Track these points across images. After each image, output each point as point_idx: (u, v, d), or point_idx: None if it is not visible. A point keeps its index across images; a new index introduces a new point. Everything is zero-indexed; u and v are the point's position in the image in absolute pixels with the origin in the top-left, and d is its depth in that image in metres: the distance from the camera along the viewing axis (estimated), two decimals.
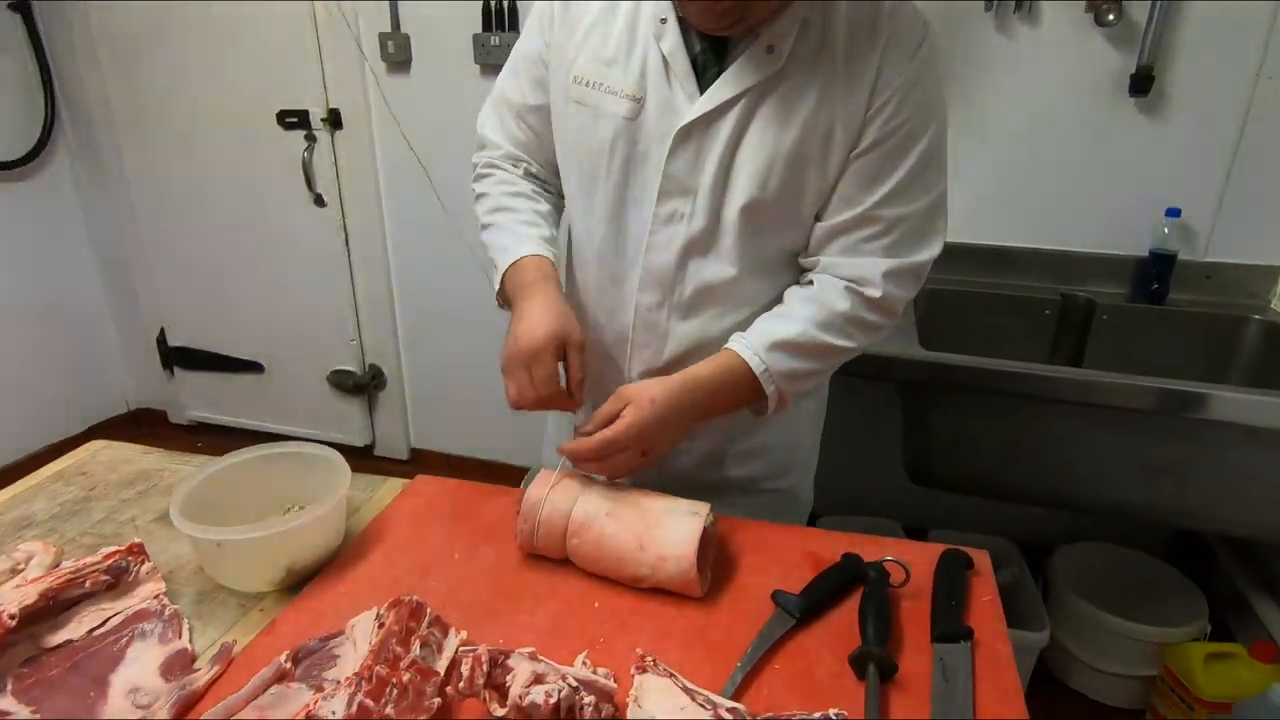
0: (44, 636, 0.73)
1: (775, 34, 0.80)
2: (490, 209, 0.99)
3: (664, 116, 0.85)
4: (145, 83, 2.40)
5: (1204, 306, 1.74)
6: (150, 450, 1.13)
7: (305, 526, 0.80)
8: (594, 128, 0.88)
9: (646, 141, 0.86)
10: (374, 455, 2.68)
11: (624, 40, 0.86)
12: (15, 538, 0.91)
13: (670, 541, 0.78)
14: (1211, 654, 1.57)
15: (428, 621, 0.70)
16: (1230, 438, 1.36)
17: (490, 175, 1.01)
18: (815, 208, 0.87)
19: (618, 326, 0.95)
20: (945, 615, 0.76)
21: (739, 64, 0.82)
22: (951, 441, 1.56)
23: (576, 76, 0.88)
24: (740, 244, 0.87)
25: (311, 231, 2.42)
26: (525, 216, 0.96)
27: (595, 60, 0.87)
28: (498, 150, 1.01)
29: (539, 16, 0.93)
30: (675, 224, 0.87)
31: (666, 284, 0.90)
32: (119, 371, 2.86)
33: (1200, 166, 1.71)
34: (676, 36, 0.83)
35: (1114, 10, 1.61)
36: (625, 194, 0.89)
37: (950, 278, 1.88)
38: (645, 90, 0.85)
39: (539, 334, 0.84)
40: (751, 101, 0.82)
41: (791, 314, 0.88)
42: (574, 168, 0.94)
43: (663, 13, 0.84)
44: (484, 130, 1.03)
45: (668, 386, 0.85)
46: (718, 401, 0.89)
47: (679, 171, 0.85)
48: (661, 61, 0.84)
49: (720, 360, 0.88)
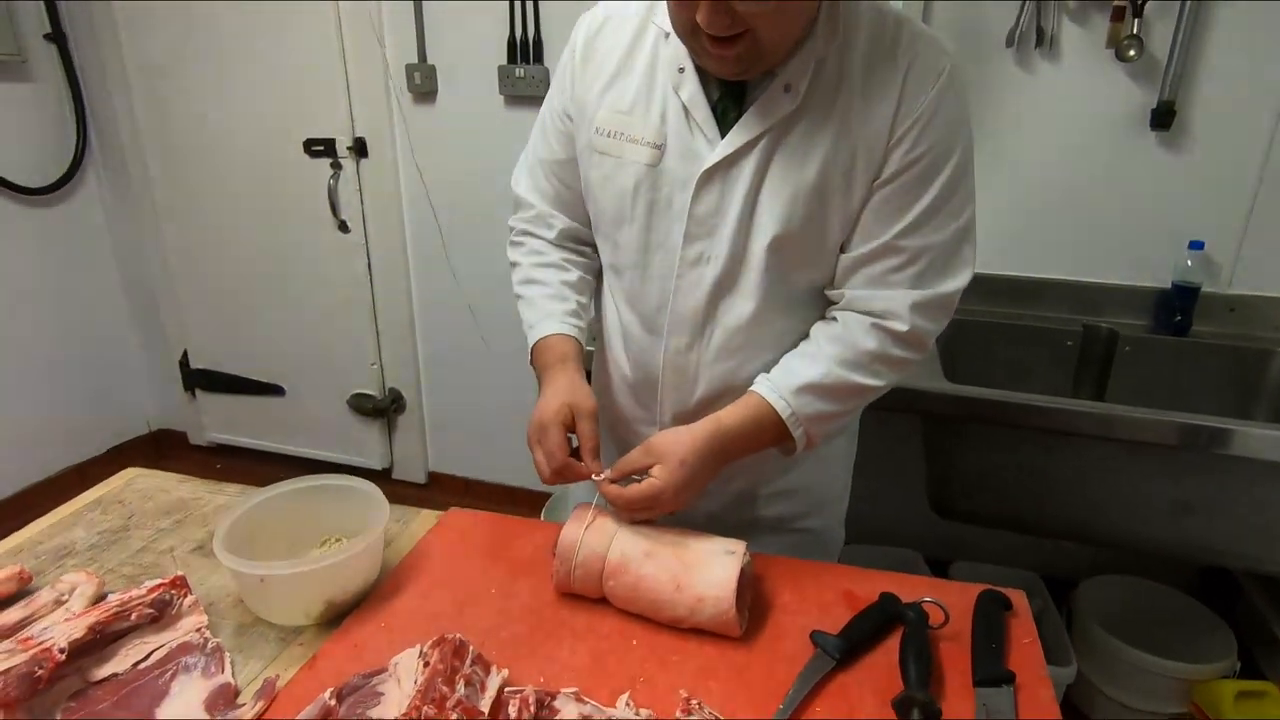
0: (90, 670, 0.73)
1: (791, 73, 0.81)
2: (521, 280, 1.02)
3: (686, 162, 0.86)
4: (175, 111, 2.46)
5: (1227, 339, 1.73)
6: (185, 479, 1.14)
7: (347, 561, 0.80)
8: (617, 176, 0.90)
9: (670, 187, 0.87)
10: (391, 479, 2.69)
11: (642, 90, 0.88)
12: (57, 566, 0.92)
13: (708, 582, 0.78)
14: (1242, 692, 1.54)
15: (471, 660, 0.70)
16: (1257, 473, 1.35)
17: (522, 244, 1.04)
18: (840, 240, 0.87)
19: (648, 369, 0.96)
20: (986, 659, 0.75)
21: (757, 105, 0.82)
22: (976, 475, 1.55)
23: (598, 128, 0.90)
24: (767, 282, 0.87)
25: (335, 257, 2.45)
26: (551, 289, 0.99)
27: (614, 111, 0.89)
28: (530, 210, 1.03)
29: (561, 73, 0.96)
30: (701, 266, 0.88)
31: (696, 326, 0.91)
32: (140, 393, 2.89)
33: (1223, 199, 1.72)
34: (695, 84, 0.84)
35: (1135, 46, 1.63)
36: (650, 239, 0.90)
37: (973, 309, 1.88)
38: (665, 137, 0.86)
39: (548, 410, 0.89)
40: (772, 141, 0.83)
41: (818, 354, 0.88)
42: (601, 216, 0.95)
43: (680, 61, 0.85)
44: (518, 190, 1.05)
45: (696, 443, 0.84)
46: (745, 446, 0.89)
47: (703, 214, 0.86)
48: (681, 109, 0.85)
49: (747, 405, 0.88)
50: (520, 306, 1.01)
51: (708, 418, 0.88)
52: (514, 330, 1.04)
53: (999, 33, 1.71)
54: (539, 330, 0.97)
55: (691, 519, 0.92)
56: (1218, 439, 1.32)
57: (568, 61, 0.94)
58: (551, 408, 0.89)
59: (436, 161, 2.28)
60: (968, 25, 1.73)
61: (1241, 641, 1.71)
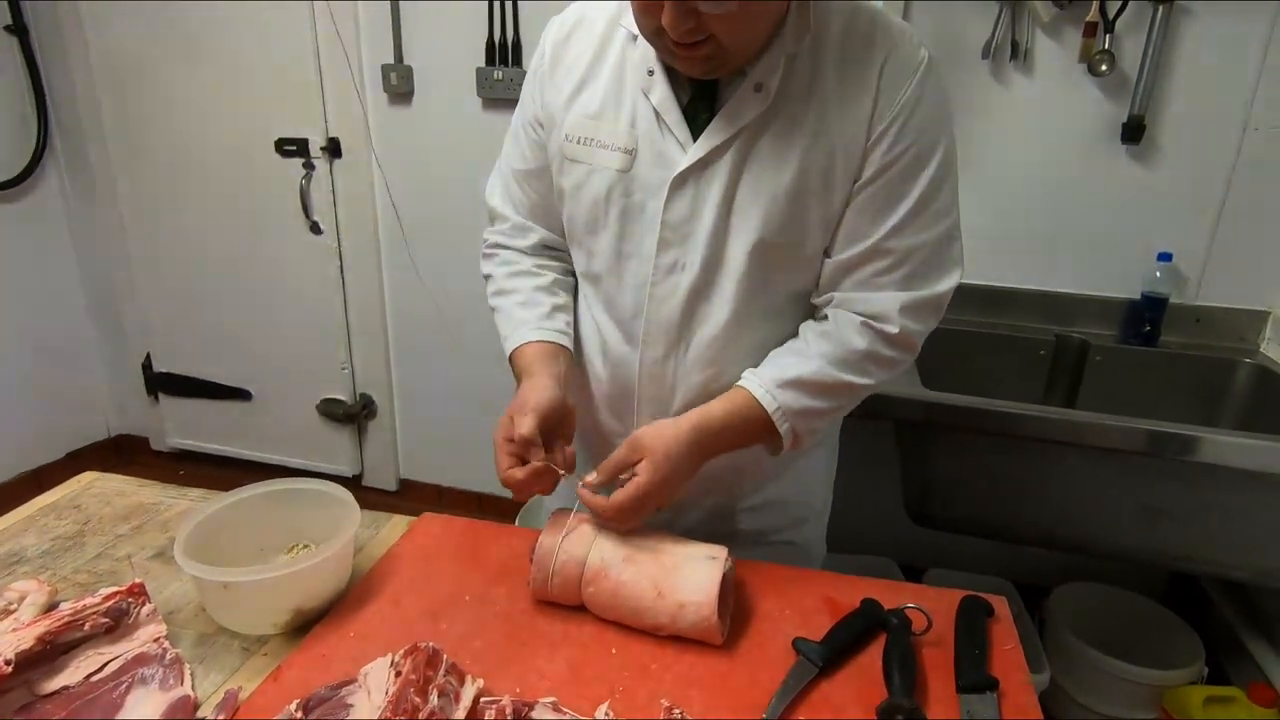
0: (39, 683, 0.70)
1: (761, 72, 0.79)
2: (494, 292, 0.99)
3: (658, 166, 0.84)
4: (141, 107, 2.39)
5: (1194, 349, 1.77)
6: (145, 483, 1.09)
7: (315, 567, 0.78)
8: (588, 183, 0.88)
9: (643, 193, 0.85)
10: (362, 486, 2.63)
11: (611, 94, 0.86)
12: (6, 574, 0.88)
13: (689, 588, 0.77)
14: (1211, 697, 1.56)
15: (444, 669, 0.68)
16: (1223, 481, 1.37)
17: (494, 255, 1.01)
18: (822, 245, 0.85)
19: (624, 381, 0.94)
20: (970, 665, 0.75)
21: (729, 106, 0.80)
22: (950, 482, 1.56)
23: (568, 135, 0.88)
24: (745, 289, 0.85)
25: (306, 259, 2.40)
26: (522, 297, 0.96)
27: (584, 116, 0.87)
28: (505, 222, 1.01)
29: (531, 80, 0.93)
30: (676, 274, 0.86)
31: (672, 336, 0.88)
32: (101, 397, 2.80)
33: (1191, 213, 1.75)
34: (665, 87, 0.82)
35: (1106, 61, 1.66)
36: (623, 245, 0.88)
37: (948, 317, 1.87)
38: (637, 142, 0.84)
39: (515, 404, 0.85)
40: (745, 143, 0.81)
41: (807, 350, 0.86)
42: (574, 224, 0.93)
43: (649, 63, 0.83)
44: (492, 202, 1.02)
45: (680, 436, 0.82)
46: (731, 441, 0.87)
47: (677, 220, 0.84)
48: (652, 112, 0.83)
49: (733, 399, 0.86)
50: (496, 320, 0.98)
51: (692, 411, 0.86)
52: (488, 335, 1.03)
53: (975, 44, 1.74)
54: (512, 341, 0.94)
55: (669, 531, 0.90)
56: (1185, 446, 1.34)
57: (537, 67, 0.92)
58: (528, 400, 0.83)
59: (412, 164, 2.25)
60: (944, 36, 1.75)
61: (1210, 648, 1.73)
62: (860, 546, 2.04)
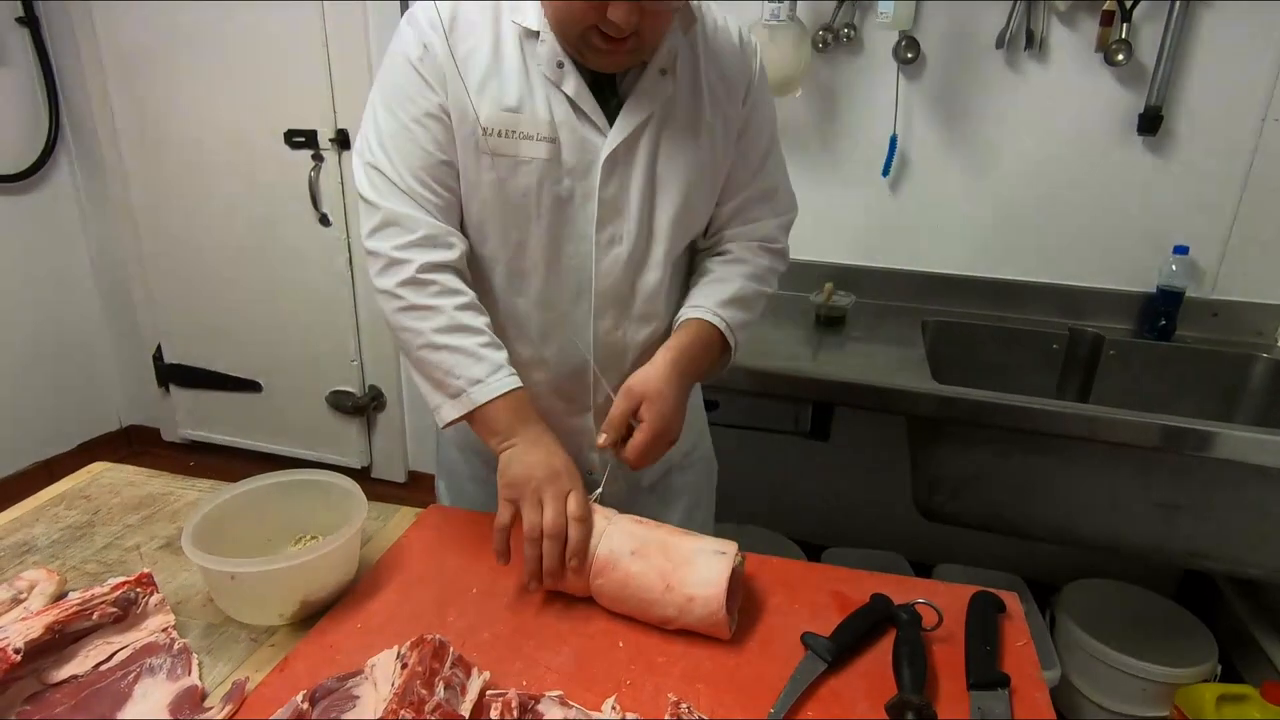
0: (48, 672, 0.70)
1: (663, 58, 0.89)
2: (443, 327, 0.86)
3: (581, 151, 0.88)
4: (151, 98, 2.40)
5: (1211, 344, 1.74)
6: (155, 474, 1.10)
7: (322, 558, 0.77)
8: (515, 175, 0.88)
9: (571, 178, 0.89)
10: (371, 478, 2.64)
11: (523, 86, 0.86)
12: (16, 564, 0.88)
13: (698, 582, 0.76)
14: (1224, 695, 1.55)
15: (451, 662, 0.68)
16: (1239, 477, 1.35)
17: (432, 283, 0.87)
18: (718, 192, 0.99)
19: (574, 360, 0.97)
20: (981, 662, 0.74)
21: (639, 90, 0.89)
22: (961, 477, 1.55)
23: (486, 129, 0.86)
24: (670, 250, 0.95)
25: (315, 251, 2.40)
26: (486, 338, 0.88)
27: (502, 109, 0.86)
28: (416, 231, 0.87)
29: (419, 71, 0.86)
30: (615, 246, 0.93)
31: (620, 303, 0.96)
32: (113, 388, 2.82)
33: (1208, 205, 1.73)
34: (577, 77, 0.87)
35: (1123, 50, 1.63)
36: (560, 231, 0.91)
37: (959, 310, 1.88)
38: (556, 131, 0.87)
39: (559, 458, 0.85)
40: (659, 122, 0.90)
41: (726, 276, 1.00)
42: (494, 221, 0.90)
43: (557, 56, 0.86)
44: (390, 205, 0.87)
45: (664, 372, 0.90)
46: (698, 364, 0.96)
47: (610, 197, 0.90)
48: (566, 102, 0.87)
49: (688, 329, 0.96)
50: (440, 358, 0.86)
51: (660, 349, 0.93)
52: None
53: (989, 34, 1.71)
54: (497, 386, 0.86)
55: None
56: (1201, 442, 1.32)
57: (427, 59, 0.85)
58: (566, 457, 0.86)
59: None
60: (958, 26, 1.73)
61: (1222, 645, 1.72)
62: (869, 541, 2.03)
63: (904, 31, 1.74)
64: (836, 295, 1.80)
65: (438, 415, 0.89)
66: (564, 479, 0.83)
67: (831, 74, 1.84)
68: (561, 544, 0.80)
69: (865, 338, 1.72)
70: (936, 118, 1.81)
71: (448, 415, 0.88)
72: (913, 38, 1.74)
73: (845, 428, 1.71)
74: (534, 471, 0.83)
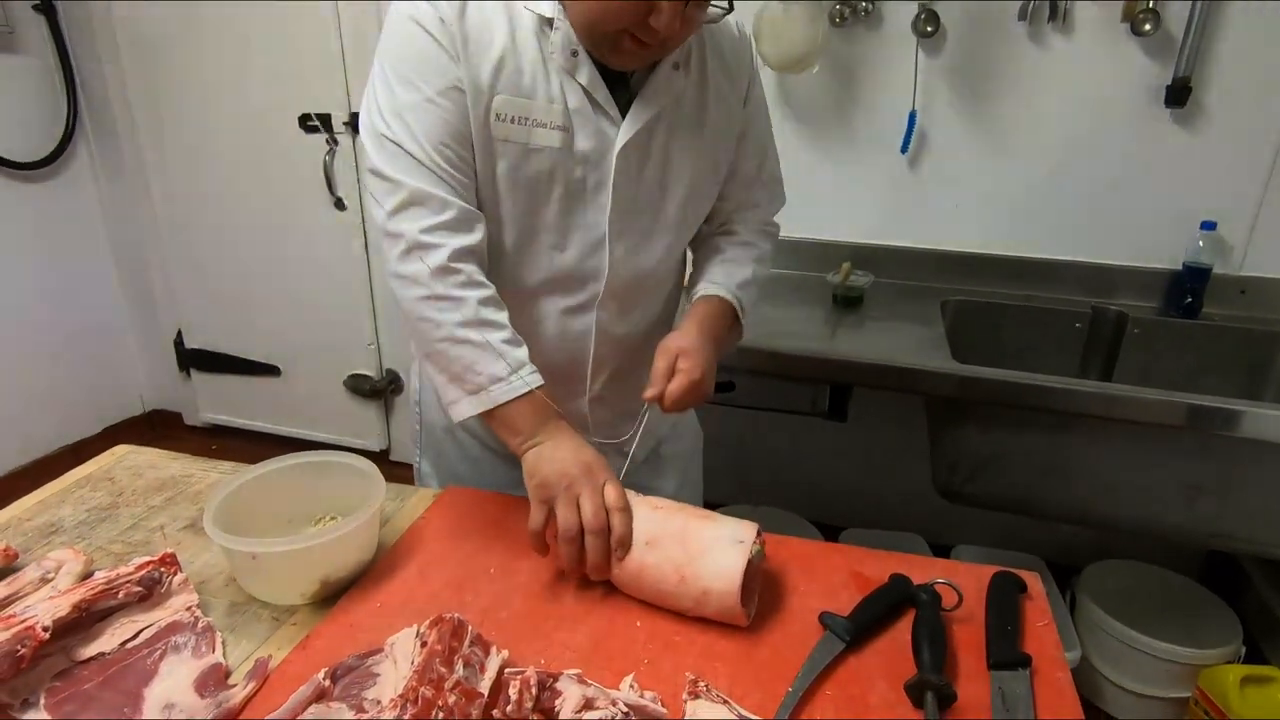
0: (76, 649, 0.71)
1: (676, 54, 0.89)
2: (467, 321, 0.84)
3: (595, 141, 0.88)
4: (167, 84, 2.40)
5: (1238, 321, 1.71)
6: (176, 456, 1.11)
7: (342, 539, 0.78)
8: (528, 162, 0.86)
9: (584, 168, 0.88)
10: (389, 460, 2.66)
11: (539, 73, 0.85)
12: (44, 544, 0.89)
13: (713, 575, 0.75)
14: (1247, 677, 1.53)
15: (469, 640, 0.68)
16: (1266, 456, 1.33)
17: (458, 272, 0.84)
18: (720, 186, 1.02)
19: (573, 347, 0.98)
20: (1001, 641, 0.73)
21: (653, 84, 0.89)
22: (982, 457, 1.53)
23: (499, 113, 0.84)
24: (673, 241, 0.98)
25: (331, 235, 2.41)
26: (509, 334, 0.86)
27: (515, 95, 0.84)
28: (442, 213, 0.84)
29: (444, 44, 0.82)
30: (626, 238, 0.93)
31: (623, 293, 0.96)
32: (135, 373, 2.86)
33: (1237, 179, 1.68)
34: (591, 68, 0.86)
35: (1151, 20, 1.59)
36: (570, 220, 0.90)
37: (979, 289, 1.86)
38: (569, 119, 0.86)
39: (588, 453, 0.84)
40: (670, 114, 0.91)
41: (740, 259, 1.04)
42: (506, 205, 0.89)
43: (571, 45, 0.84)
44: (414, 182, 0.83)
45: (695, 331, 0.94)
46: (722, 336, 0.99)
47: (624, 187, 0.90)
48: (581, 92, 0.86)
49: (708, 302, 0.99)
50: (462, 352, 0.84)
51: (685, 317, 0.98)
52: None
53: (1011, 6, 1.67)
54: (520, 385, 0.84)
55: None
56: (1227, 420, 1.30)
57: (445, 31, 0.82)
58: (594, 451, 0.85)
59: None
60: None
61: (1247, 627, 1.70)
62: (888, 522, 2.03)
63: (923, 4, 1.70)
64: (854, 275, 1.78)
65: (452, 410, 0.87)
66: (598, 473, 0.82)
67: (849, 49, 1.81)
68: (605, 538, 0.79)
69: (883, 317, 1.70)
70: (957, 93, 1.78)
71: (464, 411, 0.86)
72: (932, 10, 1.71)
73: (863, 408, 1.70)
74: (567, 468, 0.81)
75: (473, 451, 1.10)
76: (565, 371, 0.99)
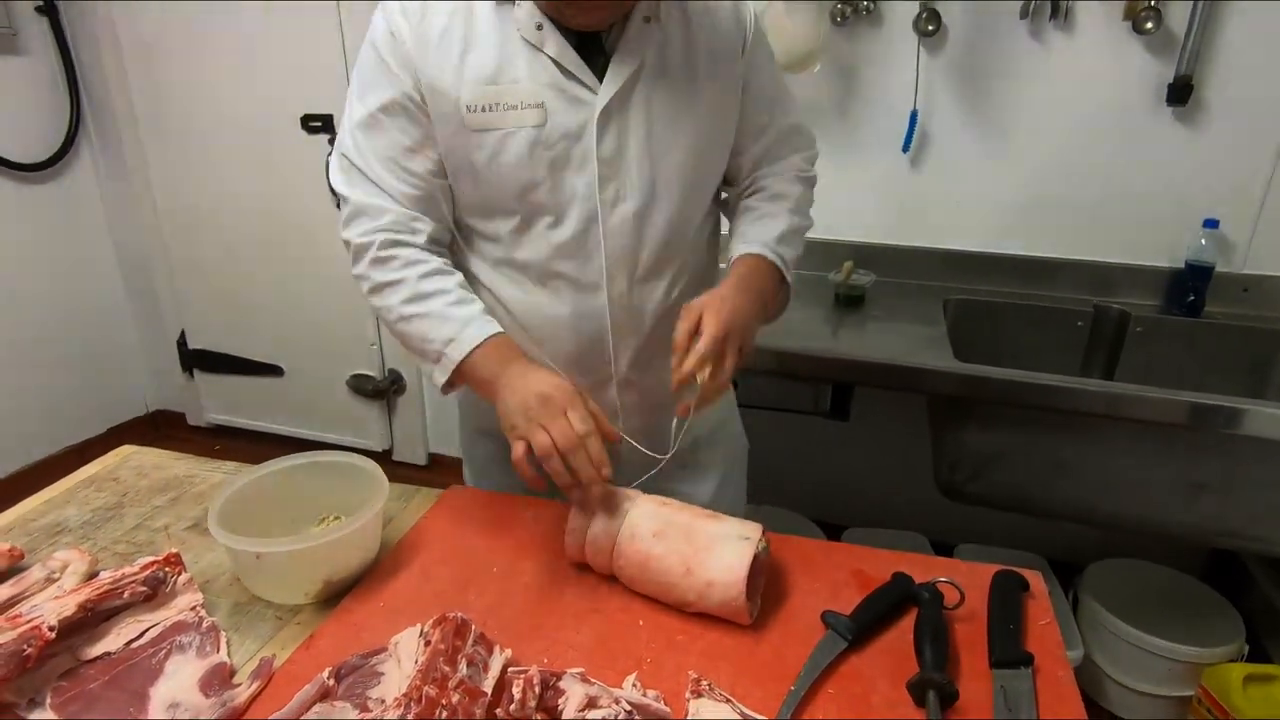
0: (81, 648, 0.72)
1: (645, 7, 0.87)
2: (408, 298, 0.88)
3: (573, 112, 0.86)
4: (169, 86, 2.41)
5: (1241, 320, 1.70)
6: (180, 456, 1.12)
7: (345, 538, 0.78)
8: (506, 147, 0.86)
9: (566, 141, 0.87)
10: (392, 460, 2.67)
11: (500, 58, 0.85)
12: (49, 544, 0.90)
13: (718, 568, 0.76)
14: (1250, 675, 1.53)
15: (473, 639, 0.68)
16: (1268, 454, 1.33)
17: (392, 258, 0.89)
18: (730, 144, 0.98)
19: (594, 330, 0.95)
20: (1004, 640, 0.73)
21: (626, 40, 0.86)
22: (984, 456, 1.53)
23: (469, 106, 0.85)
24: (681, 206, 0.93)
25: (333, 235, 2.38)
26: (454, 296, 0.89)
27: (481, 84, 0.85)
28: (384, 216, 0.89)
29: (386, 62, 0.86)
30: (621, 204, 0.90)
31: (630, 262, 0.93)
32: (139, 374, 2.87)
33: (1239, 177, 1.68)
34: (558, 36, 0.85)
35: (1152, 18, 1.59)
36: (562, 197, 0.89)
37: (981, 288, 1.86)
38: (542, 95, 0.85)
39: (553, 379, 0.83)
40: (652, 71, 0.88)
41: (774, 213, 0.99)
42: (498, 196, 0.90)
43: (535, 18, 0.85)
44: (356, 196, 0.90)
45: (726, 287, 0.89)
46: (765, 291, 0.94)
47: (609, 154, 0.88)
48: (551, 64, 0.85)
49: (745, 263, 0.94)
50: (414, 327, 0.89)
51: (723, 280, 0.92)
52: None
53: (1013, 4, 1.67)
54: (470, 338, 0.86)
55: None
56: (1230, 419, 1.30)
57: (395, 46, 0.86)
58: (557, 379, 0.83)
59: None
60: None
61: (1250, 625, 1.70)
62: (889, 521, 2.03)
63: (925, 3, 1.70)
64: (856, 274, 1.78)
65: (433, 383, 0.91)
66: (557, 399, 0.81)
67: (850, 48, 1.81)
68: (582, 455, 0.78)
69: (885, 316, 1.70)
70: (958, 91, 1.78)
71: (439, 380, 0.89)
72: (934, 9, 1.70)
73: (865, 407, 1.70)
74: (526, 399, 0.81)
75: (499, 453, 1.06)
76: (588, 351, 0.96)
